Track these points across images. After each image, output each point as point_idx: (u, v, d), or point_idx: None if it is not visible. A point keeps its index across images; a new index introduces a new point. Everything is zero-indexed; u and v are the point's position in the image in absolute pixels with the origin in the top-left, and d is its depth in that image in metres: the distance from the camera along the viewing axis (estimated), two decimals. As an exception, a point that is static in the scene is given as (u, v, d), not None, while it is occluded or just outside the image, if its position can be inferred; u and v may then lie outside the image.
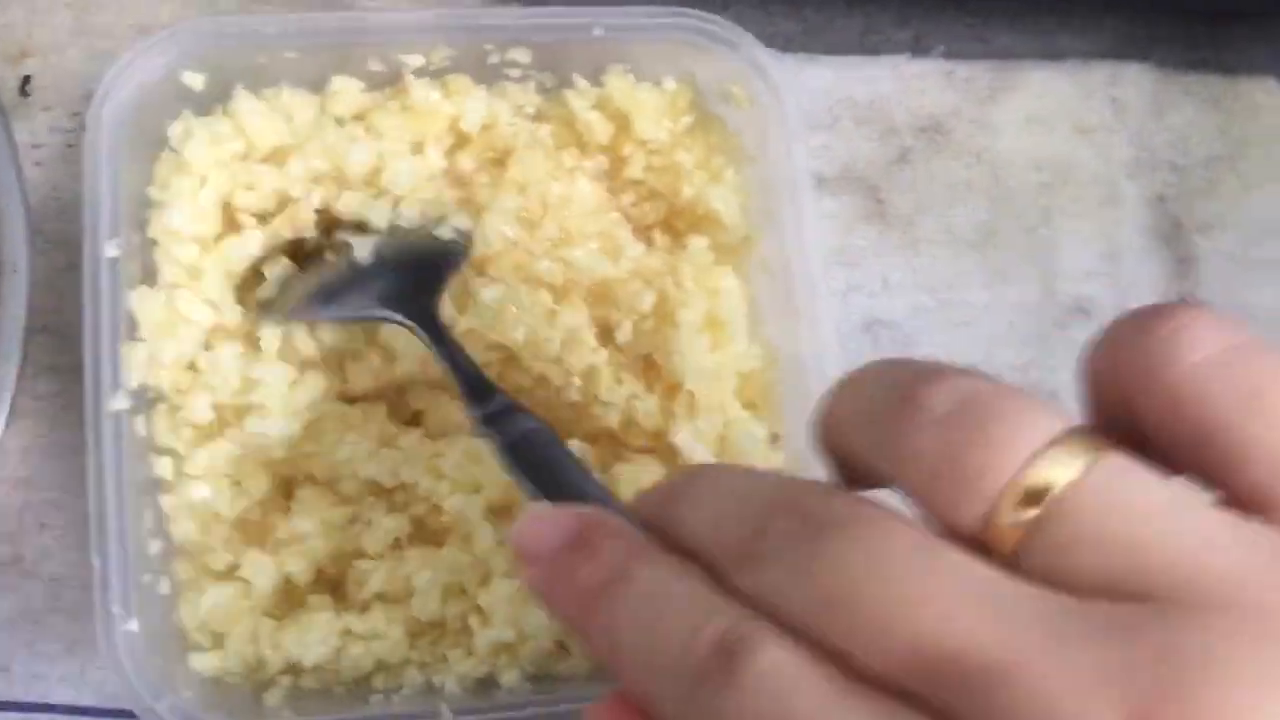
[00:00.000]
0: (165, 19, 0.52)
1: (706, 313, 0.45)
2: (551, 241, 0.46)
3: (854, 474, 0.25)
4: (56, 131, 0.51)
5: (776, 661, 0.21)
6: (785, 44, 0.55)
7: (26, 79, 0.51)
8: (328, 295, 0.44)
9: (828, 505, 0.23)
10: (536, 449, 0.40)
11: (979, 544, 0.21)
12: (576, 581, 0.25)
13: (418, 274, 0.44)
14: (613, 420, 0.45)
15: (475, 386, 0.42)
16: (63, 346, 0.49)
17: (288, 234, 0.45)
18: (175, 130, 0.44)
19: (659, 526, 0.26)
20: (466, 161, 0.47)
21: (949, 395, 0.22)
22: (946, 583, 0.20)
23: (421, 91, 0.45)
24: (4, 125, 0.44)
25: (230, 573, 0.43)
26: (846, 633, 0.21)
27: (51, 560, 0.48)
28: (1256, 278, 0.55)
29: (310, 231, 0.46)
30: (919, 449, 0.22)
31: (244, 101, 0.45)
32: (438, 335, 0.43)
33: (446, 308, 0.45)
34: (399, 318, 0.43)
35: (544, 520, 0.26)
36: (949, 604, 0.20)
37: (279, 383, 0.43)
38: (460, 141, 0.47)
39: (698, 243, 0.46)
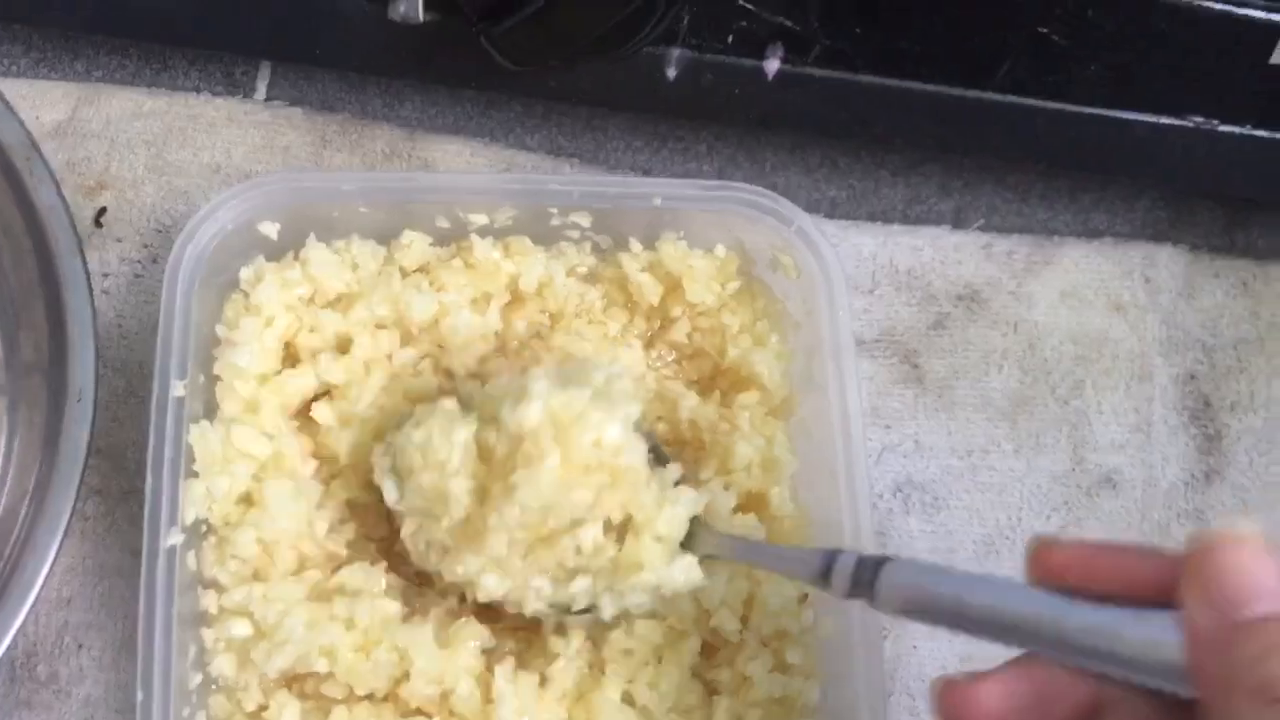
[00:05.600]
0: (238, 160, 0.54)
1: (762, 455, 0.46)
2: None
3: None
4: (126, 262, 0.53)
5: None
6: (830, 209, 0.57)
7: (102, 210, 0.53)
8: None
9: None
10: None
11: None
12: None
13: None
14: None
15: (809, 568, 0.39)
16: (113, 471, 0.51)
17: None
18: (246, 274, 0.46)
19: None
20: (519, 323, 0.48)
21: None
22: None
23: (484, 250, 0.47)
24: (81, 257, 0.46)
25: (259, 713, 0.43)
26: None
27: (86, 681, 0.48)
28: (1283, 457, 0.56)
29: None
30: None
31: (315, 251, 0.47)
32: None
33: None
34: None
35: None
36: None
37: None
38: (516, 299, 0.48)
39: (748, 397, 0.48)
